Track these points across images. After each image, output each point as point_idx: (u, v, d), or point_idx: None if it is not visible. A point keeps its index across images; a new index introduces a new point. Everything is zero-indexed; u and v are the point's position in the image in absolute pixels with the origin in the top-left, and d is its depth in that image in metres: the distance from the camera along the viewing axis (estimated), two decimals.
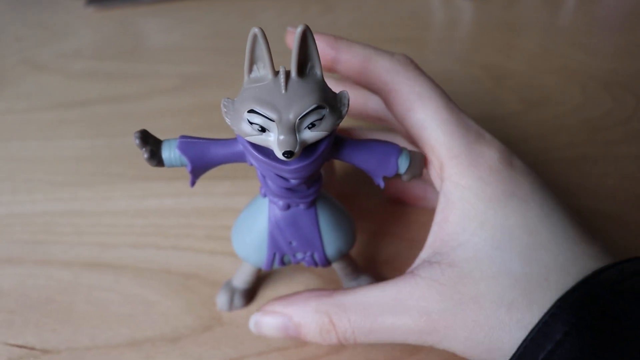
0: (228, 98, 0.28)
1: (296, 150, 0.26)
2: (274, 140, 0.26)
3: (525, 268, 0.29)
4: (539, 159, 0.54)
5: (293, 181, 0.30)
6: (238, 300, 0.41)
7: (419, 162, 0.32)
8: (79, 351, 0.39)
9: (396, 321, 0.31)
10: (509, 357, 0.28)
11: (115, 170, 0.57)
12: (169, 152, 0.30)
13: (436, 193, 0.46)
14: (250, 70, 0.27)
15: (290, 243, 0.35)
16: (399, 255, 0.45)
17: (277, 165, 0.28)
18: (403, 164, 0.31)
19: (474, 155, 0.32)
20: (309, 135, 0.26)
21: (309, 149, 0.28)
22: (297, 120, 0.26)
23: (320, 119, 0.26)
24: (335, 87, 0.39)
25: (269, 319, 0.35)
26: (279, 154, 0.26)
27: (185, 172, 0.32)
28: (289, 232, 0.34)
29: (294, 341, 0.39)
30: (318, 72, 0.27)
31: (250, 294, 0.42)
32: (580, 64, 0.72)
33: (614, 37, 0.79)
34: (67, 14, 0.99)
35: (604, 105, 0.63)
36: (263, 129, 0.26)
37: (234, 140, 0.30)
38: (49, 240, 0.49)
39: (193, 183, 0.32)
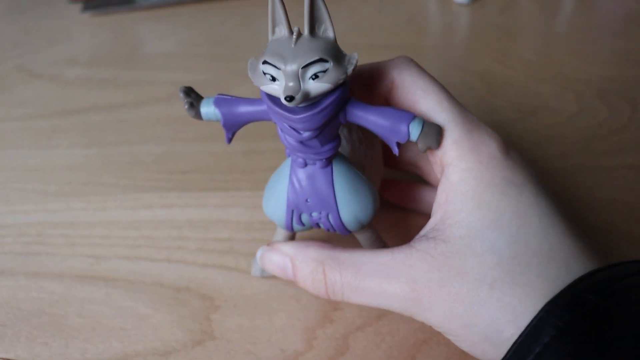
0: (254, 57, 0.31)
1: (297, 96, 0.28)
2: (280, 88, 0.29)
3: (511, 249, 0.30)
4: (533, 168, 0.54)
5: (304, 133, 0.31)
6: None
7: (435, 132, 0.32)
8: None
9: (384, 284, 0.32)
10: (482, 334, 0.30)
11: (109, 180, 0.57)
12: (207, 107, 0.34)
13: (432, 196, 0.47)
14: (273, 32, 0.31)
15: (306, 200, 0.36)
16: None
17: (287, 114, 0.30)
18: (415, 130, 0.32)
19: (474, 142, 0.32)
20: (312, 85, 0.29)
21: (317, 101, 0.30)
22: (300, 69, 0.28)
23: (324, 72, 0.28)
24: None
25: (273, 254, 0.38)
26: (282, 99, 0.28)
27: (177, 182, 0.32)
28: (306, 189, 0.35)
29: (285, 356, 0.39)
30: (330, 34, 0.30)
31: None
32: (576, 71, 0.71)
33: (611, 44, 0.78)
34: (64, 20, 0.99)
35: (599, 114, 0.62)
36: (274, 79, 0.29)
37: (260, 99, 0.33)
38: (41, 252, 0.48)
39: (229, 140, 0.35)
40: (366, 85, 0.37)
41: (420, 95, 0.34)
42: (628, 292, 0.28)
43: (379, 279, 0.32)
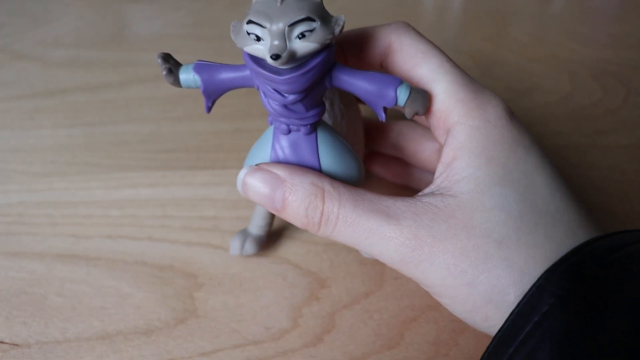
0: (237, 20, 0.30)
1: (283, 55, 0.27)
2: (266, 48, 0.28)
3: (520, 207, 0.29)
4: None
5: (289, 97, 0.30)
6: (249, 245, 0.43)
7: (422, 97, 0.31)
8: (49, 345, 0.38)
9: (383, 224, 0.30)
10: (486, 295, 0.28)
11: (92, 160, 0.55)
12: (186, 74, 0.32)
13: (422, 172, 0.46)
14: None
15: None
16: None
17: (271, 75, 0.29)
18: (402, 95, 0.31)
19: (480, 101, 0.32)
20: (299, 45, 0.28)
21: (303, 63, 0.29)
22: (287, 27, 0.27)
23: (311, 31, 0.27)
24: None
25: (262, 174, 0.33)
26: (267, 57, 0.28)
27: (163, 161, 0.31)
28: (290, 157, 0.34)
29: (270, 334, 0.38)
30: None
31: (262, 241, 0.44)
32: (571, 52, 0.71)
33: (606, 26, 0.78)
34: (49, 2, 0.97)
35: (593, 94, 0.62)
36: (259, 39, 0.28)
37: (242, 65, 0.32)
38: (22, 232, 0.47)
39: (208, 108, 0.34)
40: (358, 49, 0.36)
41: (421, 58, 0.34)
42: (628, 261, 0.27)
43: (378, 217, 0.30)
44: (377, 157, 0.48)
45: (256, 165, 0.34)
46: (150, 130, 0.59)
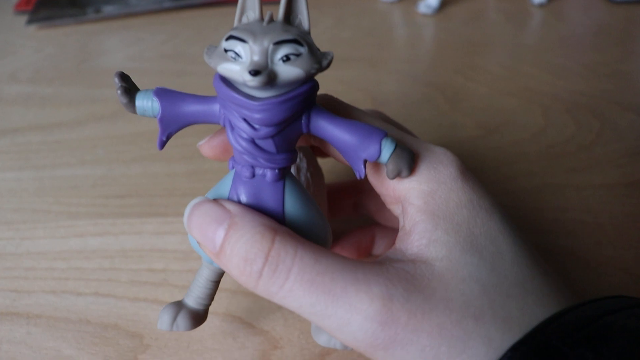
0: (212, 45, 0.28)
1: (264, 73, 0.25)
2: (245, 63, 0.25)
3: (491, 278, 0.27)
4: (497, 188, 0.52)
5: (260, 129, 0.28)
6: (183, 321, 0.33)
7: (408, 156, 0.29)
8: None
9: (349, 289, 0.25)
10: None
11: (40, 207, 0.53)
12: (144, 98, 0.29)
13: (387, 236, 0.43)
14: (240, 20, 0.28)
15: None
16: None
17: (245, 100, 0.27)
18: (387, 149, 0.28)
19: (431, 164, 0.30)
20: (282, 68, 0.25)
21: (282, 92, 0.27)
22: (271, 45, 0.25)
23: (297, 55, 0.26)
24: None
25: (210, 206, 0.29)
26: (244, 75, 0.25)
27: (114, 207, 0.29)
28: (250, 206, 0.30)
29: None
30: (305, 26, 0.28)
31: (200, 317, 0.35)
32: (544, 84, 0.69)
33: (580, 57, 0.76)
34: (7, 34, 0.94)
35: (566, 129, 0.60)
36: (236, 57, 0.26)
37: (211, 97, 0.29)
38: None
39: (161, 143, 0.30)
40: None
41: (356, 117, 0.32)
42: (598, 338, 0.24)
43: (343, 280, 0.26)
44: (340, 242, 0.44)
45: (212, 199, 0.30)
46: (103, 173, 0.57)
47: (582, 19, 0.89)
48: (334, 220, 0.45)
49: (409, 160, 0.29)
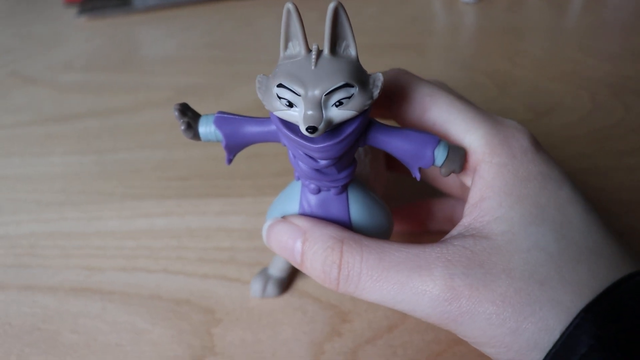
0: (264, 74, 0.28)
1: (320, 126, 0.26)
2: (300, 116, 0.26)
3: (559, 245, 0.28)
4: None
5: (321, 162, 0.29)
6: (271, 288, 0.42)
7: (459, 156, 0.30)
8: None
9: (413, 276, 0.28)
10: (532, 341, 0.26)
11: (105, 188, 0.54)
12: (206, 127, 0.30)
13: (443, 209, 0.44)
14: (286, 47, 0.27)
15: None
16: None
17: (304, 143, 0.27)
18: (440, 156, 0.30)
19: (503, 136, 0.31)
20: (336, 113, 0.26)
21: (337, 129, 0.28)
22: (324, 96, 0.25)
23: (349, 98, 0.26)
24: None
25: (284, 225, 0.32)
26: (302, 129, 0.26)
27: (177, 189, 0.30)
28: (318, 215, 0.33)
29: None
30: (352, 52, 0.27)
31: (284, 283, 0.42)
32: (589, 68, 0.69)
33: (623, 40, 0.76)
34: (59, 25, 0.97)
35: (615, 113, 0.60)
36: (291, 104, 0.26)
37: (268, 119, 0.30)
38: (34, 264, 0.46)
39: (229, 161, 0.32)
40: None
41: (429, 102, 0.32)
42: None
43: (407, 270, 0.28)
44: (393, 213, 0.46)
45: (281, 217, 0.33)
46: (163, 156, 0.58)
47: (623, 2, 0.89)
48: (391, 196, 0.46)
49: (461, 160, 0.30)
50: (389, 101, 0.34)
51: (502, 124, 0.31)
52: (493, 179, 0.30)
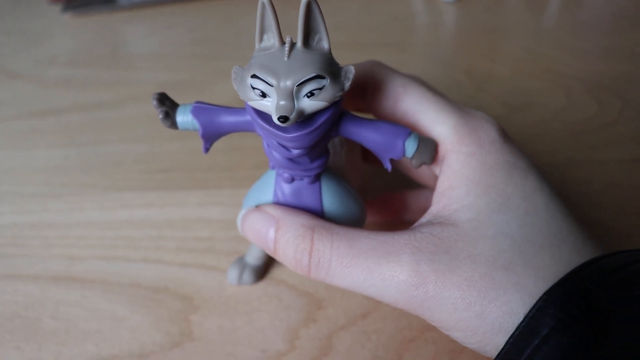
0: (239, 66, 0.29)
1: (292, 116, 0.26)
2: (272, 106, 0.27)
3: (522, 231, 0.29)
4: None
5: (294, 151, 0.30)
6: (248, 276, 0.43)
7: (430, 148, 0.31)
8: None
9: (382, 262, 0.29)
10: (497, 324, 0.27)
11: (87, 181, 0.55)
12: (183, 116, 0.31)
13: (416, 200, 0.45)
14: (261, 39, 0.28)
15: None
16: None
17: (277, 132, 0.28)
18: (411, 147, 0.31)
19: (472, 126, 0.32)
20: (307, 104, 0.27)
21: (310, 119, 0.28)
22: (295, 87, 0.26)
23: (320, 89, 0.27)
24: None
25: (257, 214, 0.33)
26: (275, 118, 0.27)
27: (158, 181, 0.30)
28: (292, 203, 0.34)
29: (266, 358, 0.38)
30: (325, 45, 0.28)
31: (260, 271, 0.43)
32: (565, 66, 0.71)
33: (600, 39, 0.77)
34: (44, 21, 0.97)
35: (588, 109, 0.61)
36: (264, 95, 0.27)
37: (244, 109, 0.31)
38: (16, 254, 0.47)
39: (206, 149, 0.33)
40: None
41: (401, 92, 0.33)
42: (629, 283, 0.26)
43: (376, 257, 0.29)
44: (368, 204, 0.47)
45: (255, 206, 0.34)
46: (145, 149, 0.59)
47: (599, 2, 0.90)
48: (368, 188, 0.47)
49: (431, 152, 0.31)
50: (363, 91, 0.35)
51: (471, 115, 0.32)
52: (461, 168, 0.31)
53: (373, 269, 0.29)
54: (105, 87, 0.73)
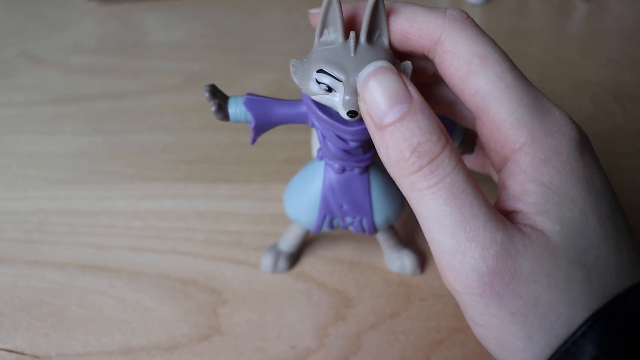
0: (297, 59, 0.29)
1: (359, 111, 0.27)
2: (340, 100, 0.27)
3: (596, 267, 0.25)
4: None
5: (352, 143, 0.31)
6: (282, 263, 0.43)
7: (471, 139, 0.32)
8: (70, 357, 0.38)
9: (480, 219, 0.25)
10: (539, 354, 0.25)
11: (113, 169, 0.55)
12: (235, 108, 0.31)
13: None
14: (321, 34, 0.28)
15: (341, 206, 0.36)
16: None
17: (339, 125, 0.29)
18: (456, 140, 0.31)
19: (549, 127, 0.27)
20: None
21: None
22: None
23: None
24: None
25: (395, 78, 0.27)
26: (343, 113, 0.27)
27: (185, 172, 0.30)
28: (342, 195, 0.35)
29: (295, 354, 0.38)
30: (385, 40, 0.28)
31: (294, 258, 0.44)
32: (591, 73, 0.70)
33: (625, 47, 0.77)
34: (69, 8, 0.97)
35: (614, 117, 0.61)
36: (330, 89, 0.27)
37: (298, 101, 0.31)
38: (43, 240, 0.47)
39: (254, 141, 0.33)
40: (404, 31, 0.30)
41: (478, 65, 0.28)
42: None
43: (478, 209, 0.25)
44: None
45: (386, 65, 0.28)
46: (172, 139, 0.59)
47: (624, 9, 0.90)
48: None
49: (472, 143, 0.32)
50: (432, 45, 0.30)
51: (550, 114, 0.27)
52: (537, 173, 0.26)
53: (469, 220, 0.25)
54: (131, 75, 0.73)
